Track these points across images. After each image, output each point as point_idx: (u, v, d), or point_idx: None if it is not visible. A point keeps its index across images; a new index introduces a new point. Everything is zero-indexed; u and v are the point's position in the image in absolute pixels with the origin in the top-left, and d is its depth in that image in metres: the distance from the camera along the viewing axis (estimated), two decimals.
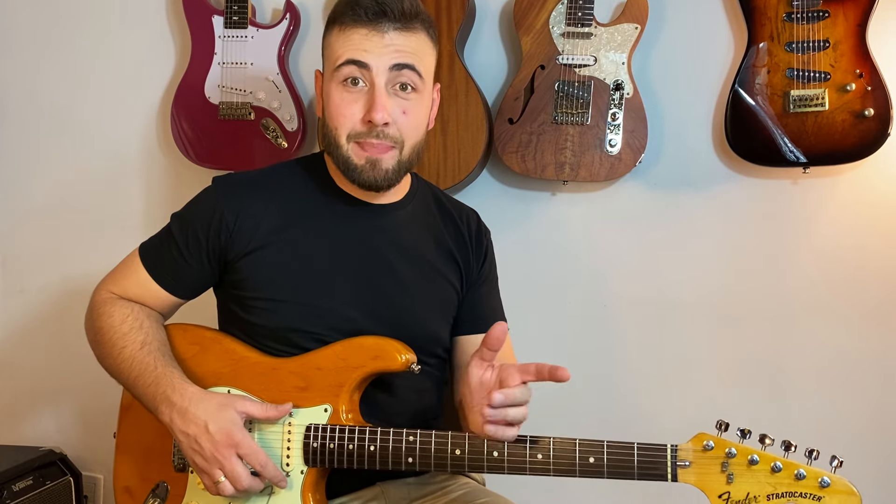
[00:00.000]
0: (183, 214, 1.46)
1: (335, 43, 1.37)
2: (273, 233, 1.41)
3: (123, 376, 1.38)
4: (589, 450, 1.23)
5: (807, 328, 2.02)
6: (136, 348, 1.37)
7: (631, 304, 2.11)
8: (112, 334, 1.40)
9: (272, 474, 1.28)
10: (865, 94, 1.83)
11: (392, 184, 1.40)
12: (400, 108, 1.36)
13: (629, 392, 2.12)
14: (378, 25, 1.33)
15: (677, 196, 2.07)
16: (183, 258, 1.42)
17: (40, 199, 2.41)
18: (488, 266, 1.58)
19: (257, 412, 1.30)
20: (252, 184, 1.45)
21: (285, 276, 1.40)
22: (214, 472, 1.26)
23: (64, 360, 2.41)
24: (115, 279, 1.48)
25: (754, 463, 1.17)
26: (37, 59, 2.38)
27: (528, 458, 1.24)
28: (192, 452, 1.28)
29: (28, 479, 2.07)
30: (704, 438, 1.19)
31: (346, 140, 1.37)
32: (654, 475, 1.21)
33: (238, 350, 1.40)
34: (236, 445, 1.26)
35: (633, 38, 1.95)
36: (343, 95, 1.36)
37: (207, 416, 1.27)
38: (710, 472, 1.18)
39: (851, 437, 1.99)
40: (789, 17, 1.87)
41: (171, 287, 1.45)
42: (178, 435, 1.29)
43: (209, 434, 1.26)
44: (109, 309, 1.43)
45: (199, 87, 2.13)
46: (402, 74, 1.35)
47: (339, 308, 1.40)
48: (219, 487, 1.26)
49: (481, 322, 1.54)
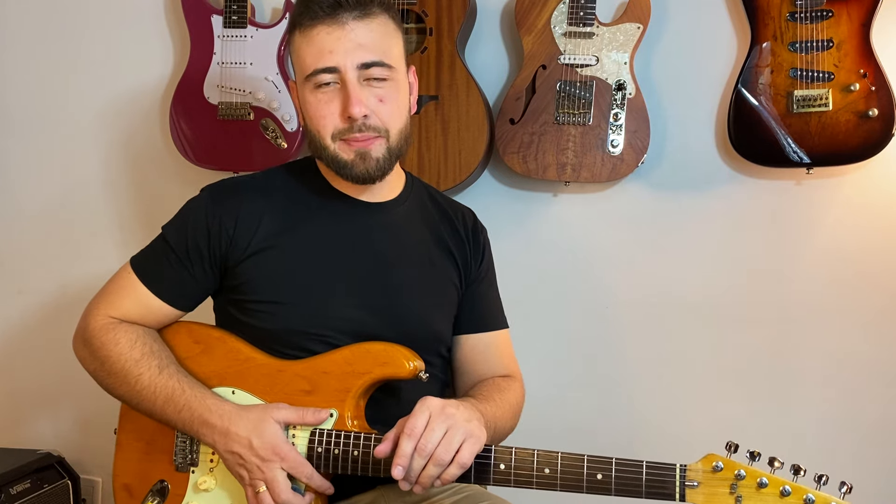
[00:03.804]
0: (177, 225, 1.43)
1: (300, 50, 1.36)
2: (271, 236, 1.40)
3: (146, 404, 1.36)
4: (597, 466, 1.21)
5: (811, 329, 2.01)
6: (155, 374, 1.35)
7: (633, 306, 2.10)
8: (124, 363, 1.37)
9: (318, 484, 1.29)
10: (869, 95, 1.82)
11: (385, 172, 1.39)
12: (375, 97, 1.35)
13: (631, 393, 2.10)
14: (336, 18, 1.32)
15: (680, 197, 2.06)
16: (185, 269, 1.40)
17: (38, 200, 2.40)
18: (486, 264, 1.57)
19: (295, 418, 1.30)
20: (245, 188, 1.44)
21: (285, 278, 1.39)
22: (257, 483, 1.27)
23: (62, 363, 2.39)
24: (110, 300, 1.43)
25: (763, 486, 1.16)
26: (35, 59, 2.37)
27: (536, 473, 1.23)
28: (239, 468, 1.29)
29: (26, 482, 2.07)
30: (714, 459, 1.18)
31: (331, 140, 1.36)
32: (662, 494, 1.20)
33: (244, 350, 1.39)
34: (281, 458, 1.27)
35: (636, 38, 1.94)
36: (318, 97, 1.36)
37: (249, 433, 1.28)
38: (718, 494, 1.17)
39: (855, 439, 1.98)
40: (793, 16, 1.86)
41: (174, 300, 1.42)
42: (224, 454, 1.30)
43: (254, 449, 1.27)
44: (113, 336, 1.39)
45: (197, 87, 2.12)
46: (371, 71, 1.35)
47: (340, 308, 1.40)
48: (259, 497, 1.27)
49: (480, 321, 1.54)
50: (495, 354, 1.54)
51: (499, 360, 1.54)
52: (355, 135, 1.35)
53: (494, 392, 1.43)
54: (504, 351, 1.56)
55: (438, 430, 1.20)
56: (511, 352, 1.57)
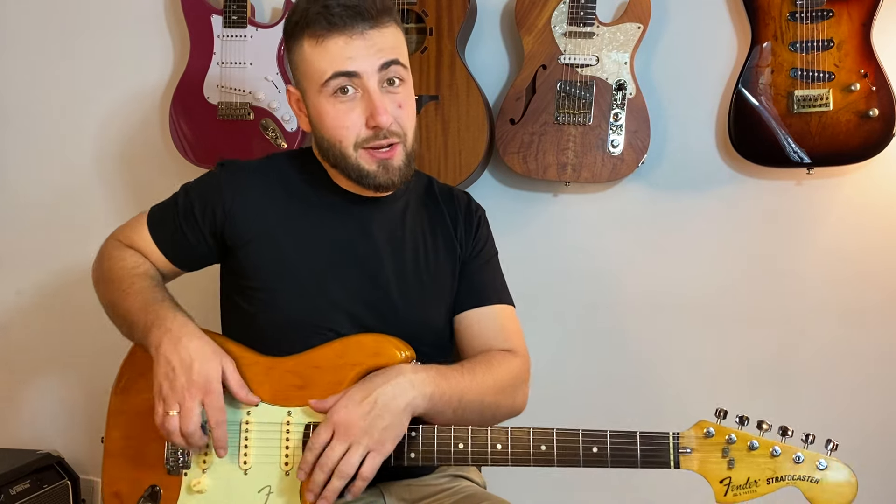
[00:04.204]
0: (188, 188, 1.49)
1: (312, 57, 1.34)
2: (273, 223, 1.42)
3: (124, 307, 1.39)
4: (592, 440, 1.24)
5: (811, 329, 2.01)
6: (146, 285, 1.40)
7: (634, 306, 2.10)
8: (123, 273, 1.43)
9: (219, 435, 1.29)
10: (870, 94, 1.82)
11: (406, 178, 1.40)
12: (395, 103, 1.36)
13: (632, 394, 2.11)
14: (354, 28, 1.32)
15: (680, 197, 2.06)
16: (181, 230, 1.45)
17: (37, 200, 2.40)
18: (481, 241, 1.54)
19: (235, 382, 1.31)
20: (256, 173, 1.47)
21: (284, 266, 1.40)
22: (172, 404, 1.27)
23: (61, 363, 2.40)
24: (124, 232, 1.51)
25: (754, 448, 1.20)
26: (34, 58, 2.37)
27: (532, 450, 1.25)
28: (164, 378, 1.28)
29: (25, 483, 2.07)
30: (705, 426, 1.22)
31: (353, 150, 1.36)
32: (656, 462, 1.23)
33: (232, 349, 1.38)
34: (207, 393, 1.27)
35: (636, 38, 1.94)
36: (338, 107, 1.35)
37: (196, 355, 1.28)
38: (711, 459, 1.21)
39: (856, 437, 1.97)
40: (793, 16, 1.86)
41: (169, 254, 1.48)
42: (160, 358, 1.29)
43: (190, 371, 1.27)
44: (121, 254, 1.46)
45: (197, 88, 2.12)
46: (390, 71, 1.35)
47: (338, 300, 1.40)
48: (167, 420, 1.27)
49: (474, 296, 1.50)
50: (492, 328, 1.48)
51: (498, 335, 1.47)
52: (380, 142, 1.35)
53: (480, 365, 1.38)
54: (504, 325, 1.49)
55: (339, 448, 1.24)
56: (514, 327, 1.51)
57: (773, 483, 1.19)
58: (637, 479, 1.78)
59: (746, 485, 1.19)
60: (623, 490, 2.09)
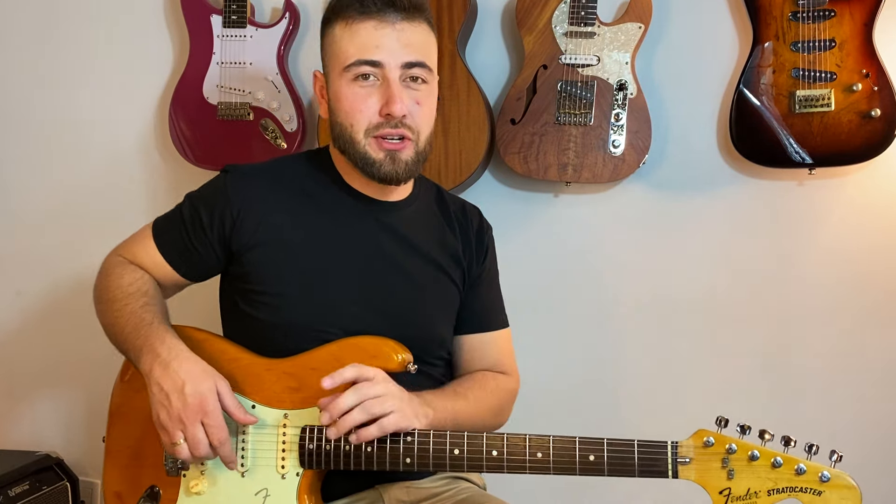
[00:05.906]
0: (193, 197, 1.48)
1: (341, 40, 1.36)
2: (280, 227, 1.41)
3: (117, 328, 1.39)
4: (589, 448, 1.23)
5: (813, 330, 2.00)
6: (136, 307, 1.39)
7: (635, 306, 2.09)
8: (117, 292, 1.41)
9: (226, 454, 1.29)
10: (872, 95, 1.81)
11: (412, 175, 1.42)
12: (413, 99, 1.37)
13: (633, 394, 2.10)
14: (386, 16, 1.34)
15: (681, 197, 2.05)
16: (189, 239, 1.44)
17: (38, 200, 2.40)
18: (489, 263, 1.58)
19: (231, 403, 1.30)
20: (262, 177, 1.46)
21: (291, 270, 1.40)
22: (175, 432, 1.27)
23: (61, 364, 2.40)
24: (128, 247, 1.50)
25: (755, 459, 1.18)
26: (34, 59, 2.37)
27: (528, 457, 1.24)
28: (160, 406, 1.28)
29: (24, 484, 2.07)
30: (705, 435, 1.20)
31: (363, 136, 1.37)
32: (654, 472, 1.22)
33: (229, 351, 1.38)
34: (205, 414, 1.27)
35: (637, 38, 1.93)
36: (356, 91, 1.36)
37: (188, 377, 1.27)
38: (710, 469, 1.19)
39: (858, 439, 1.97)
40: (795, 16, 1.85)
41: (177, 265, 1.46)
42: (153, 386, 1.29)
43: (183, 395, 1.26)
44: (120, 271, 1.45)
45: (197, 88, 2.11)
46: (413, 71, 1.36)
47: (344, 305, 1.40)
48: (175, 449, 1.27)
49: (479, 321, 1.54)
50: (492, 353, 1.55)
51: (495, 359, 1.55)
52: (389, 130, 1.36)
53: (472, 388, 1.45)
54: (502, 349, 1.56)
55: (378, 388, 1.25)
56: (509, 350, 1.58)
57: (774, 494, 1.17)
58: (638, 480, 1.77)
59: (747, 496, 1.17)
60: (625, 492, 2.08)
